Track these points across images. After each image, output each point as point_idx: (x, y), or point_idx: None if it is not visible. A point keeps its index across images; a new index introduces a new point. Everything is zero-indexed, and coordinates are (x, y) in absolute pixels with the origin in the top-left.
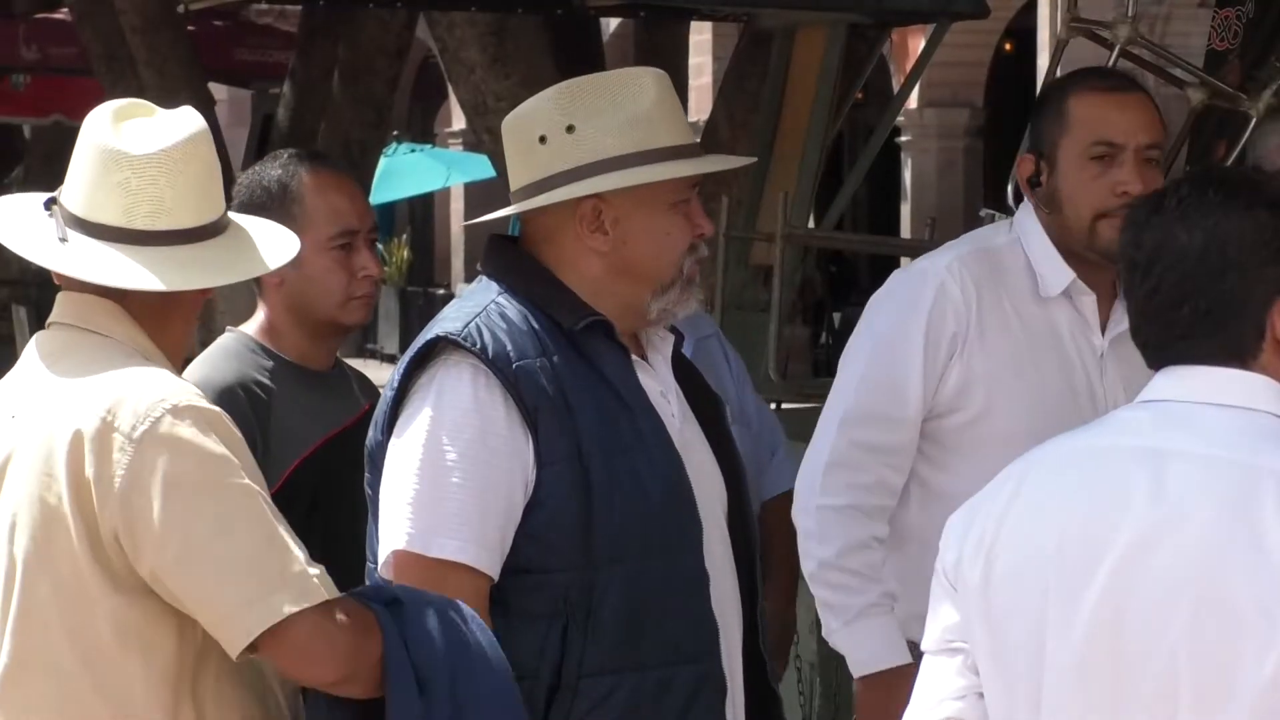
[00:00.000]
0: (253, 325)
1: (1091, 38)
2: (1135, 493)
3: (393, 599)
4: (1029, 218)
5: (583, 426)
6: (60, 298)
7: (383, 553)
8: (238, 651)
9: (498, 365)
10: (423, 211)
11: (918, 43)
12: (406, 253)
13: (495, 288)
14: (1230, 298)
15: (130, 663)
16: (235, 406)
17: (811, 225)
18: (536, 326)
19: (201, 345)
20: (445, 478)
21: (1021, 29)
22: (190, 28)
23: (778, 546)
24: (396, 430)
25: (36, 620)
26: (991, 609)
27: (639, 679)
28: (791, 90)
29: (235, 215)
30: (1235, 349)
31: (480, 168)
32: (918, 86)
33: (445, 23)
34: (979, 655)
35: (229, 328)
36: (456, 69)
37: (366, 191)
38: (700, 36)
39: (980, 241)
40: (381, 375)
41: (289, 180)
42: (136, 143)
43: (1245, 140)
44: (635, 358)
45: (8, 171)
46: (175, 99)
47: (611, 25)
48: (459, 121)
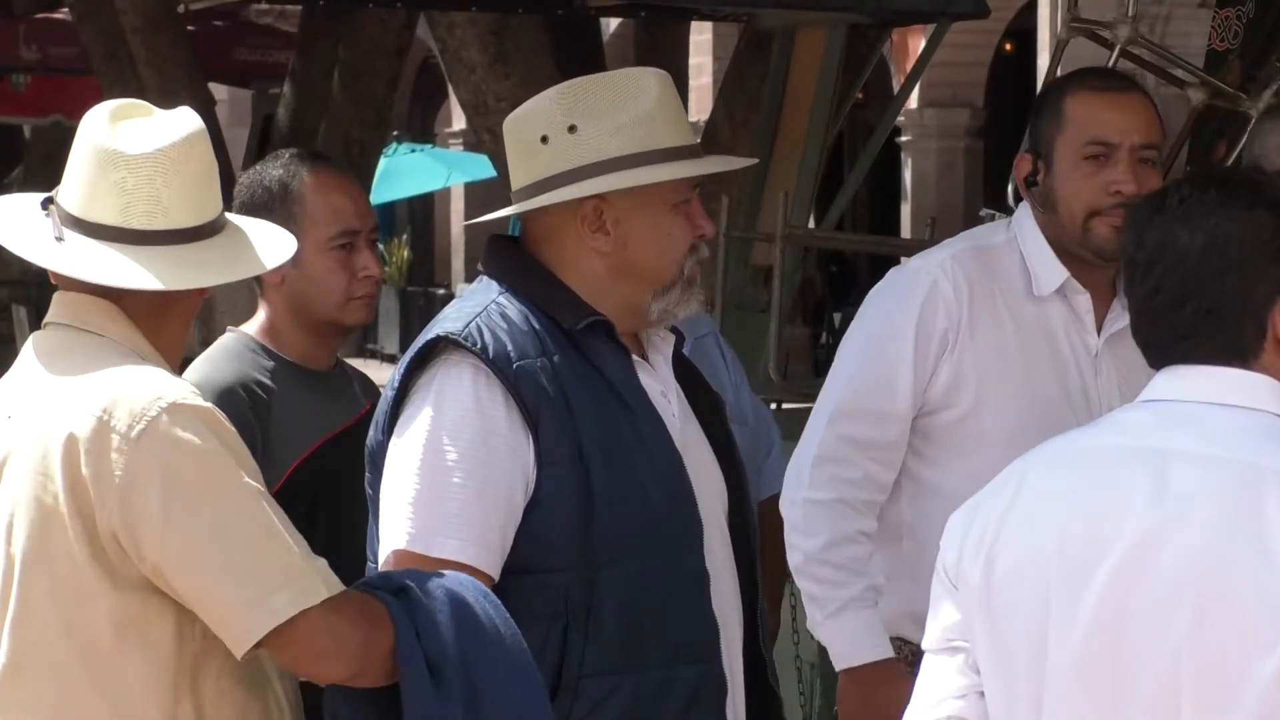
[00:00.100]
0: (253, 325)
1: (1092, 38)
2: (1137, 492)
3: (401, 587)
4: (1026, 217)
5: (583, 427)
6: (57, 298)
7: (383, 552)
8: (243, 652)
9: (498, 365)
10: (423, 211)
11: (918, 43)
12: (407, 253)
13: (496, 288)
14: (1231, 297)
15: (129, 661)
16: (236, 406)
17: (812, 225)
18: (537, 326)
19: (201, 345)
20: (446, 478)
21: (1022, 29)
22: (190, 28)
23: (773, 546)
24: (397, 430)
25: (35, 619)
26: (992, 608)
27: (639, 679)
28: (791, 90)
29: (233, 215)
30: (1237, 349)
31: (480, 168)
32: (918, 86)
33: (445, 23)
34: (979, 654)
35: (230, 328)
36: (457, 69)
37: (367, 191)
38: (700, 36)
39: (976, 240)
40: (382, 375)
41: (290, 180)
42: (133, 142)
43: (1245, 140)
44: (636, 358)
45: (7, 171)
46: (175, 99)
47: (612, 25)
48: (459, 121)
